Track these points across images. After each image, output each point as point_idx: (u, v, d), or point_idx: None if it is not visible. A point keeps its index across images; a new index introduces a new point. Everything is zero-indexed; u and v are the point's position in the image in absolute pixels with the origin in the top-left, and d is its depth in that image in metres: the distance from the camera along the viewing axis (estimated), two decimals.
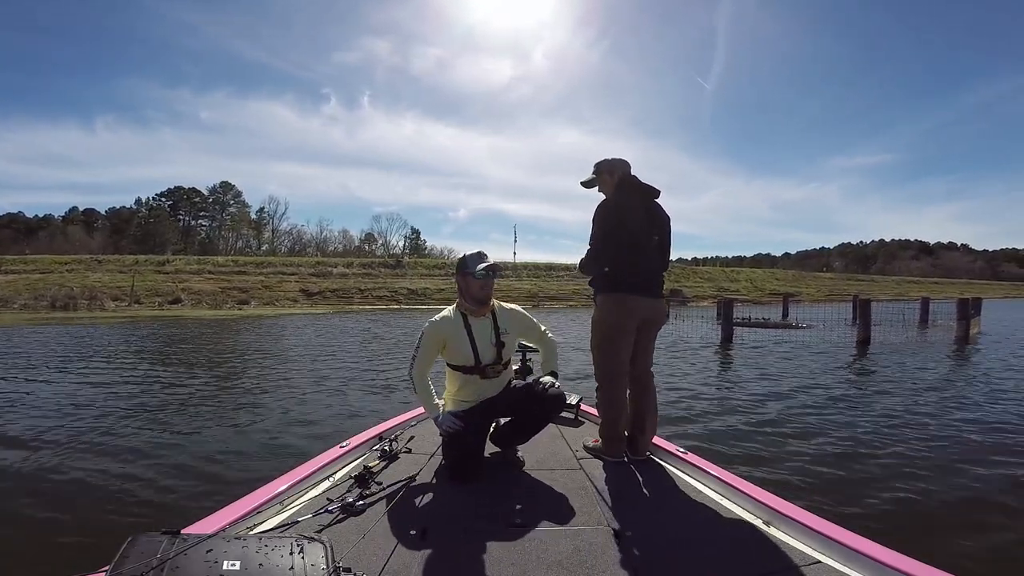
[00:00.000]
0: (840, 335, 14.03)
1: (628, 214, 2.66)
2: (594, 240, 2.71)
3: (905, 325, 16.50)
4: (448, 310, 2.60)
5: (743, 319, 19.28)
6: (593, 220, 2.71)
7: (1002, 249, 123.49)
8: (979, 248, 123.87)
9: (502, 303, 2.67)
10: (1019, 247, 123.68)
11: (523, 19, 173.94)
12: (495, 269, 2.53)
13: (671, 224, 2.87)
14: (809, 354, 11.64)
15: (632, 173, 2.84)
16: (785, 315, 23.25)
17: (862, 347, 12.63)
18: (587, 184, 2.94)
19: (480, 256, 2.55)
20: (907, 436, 5.14)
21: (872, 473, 4.17)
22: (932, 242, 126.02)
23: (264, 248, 73.48)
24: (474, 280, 2.50)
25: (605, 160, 2.87)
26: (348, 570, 1.43)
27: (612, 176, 2.82)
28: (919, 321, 19.85)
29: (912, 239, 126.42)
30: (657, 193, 2.82)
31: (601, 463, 2.61)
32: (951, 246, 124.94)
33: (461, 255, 2.63)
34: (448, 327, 2.52)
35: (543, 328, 2.73)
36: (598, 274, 2.75)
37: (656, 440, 2.80)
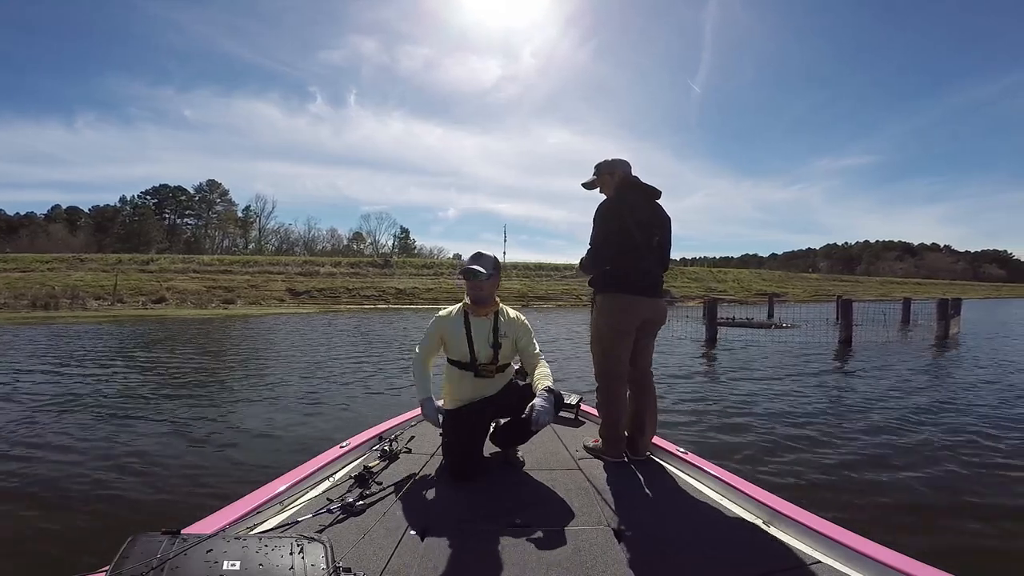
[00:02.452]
0: (823, 335, 14.18)
1: (629, 214, 2.66)
2: (595, 240, 2.70)
3: (887, 325, 16.69)
4: (454, 307, 2.66)
5: (728, 319, 19.40)
6: (594, 220, 2.71)
7: (983, 250, 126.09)
8: (961, 249, 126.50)
9: (509, 309, 2.70)
10: (1000, 248, 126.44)
11: (511, 19, 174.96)
12: (477, 272, 2.53)
13: (671, 224, 2.87)
14: (791, 353, 11.76)
15: (633, 173, 2.84)
16: (770, 315, 23.39)
17: (844, 346, 12.78)
18: (588, 185, 2.95)
19: (473, 258, 2.61)
20: (885, 432, 5.25)
21: (853, 466, 4.25)
22: (915, 243, 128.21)
23: (251, 247, 72.74)
24: (466, 281, 2.59)
25: (605, 161, 2.87)
26: (348, 570, 1.42)
27: (613, 176, 2.83)
28: (901, 321, 20.12)
29: (896, 240, 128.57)
30: (658, 193, 2.82)
31: (601, 463, 2.62)
32: (934, 247, 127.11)
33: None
34: (448, 322, 2.58)
35: (538, 351, 2.64)
36: (599, 273, 2.75)
37: (656, 440, 2.81)
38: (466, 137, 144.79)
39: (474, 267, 2.54)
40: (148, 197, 75.44)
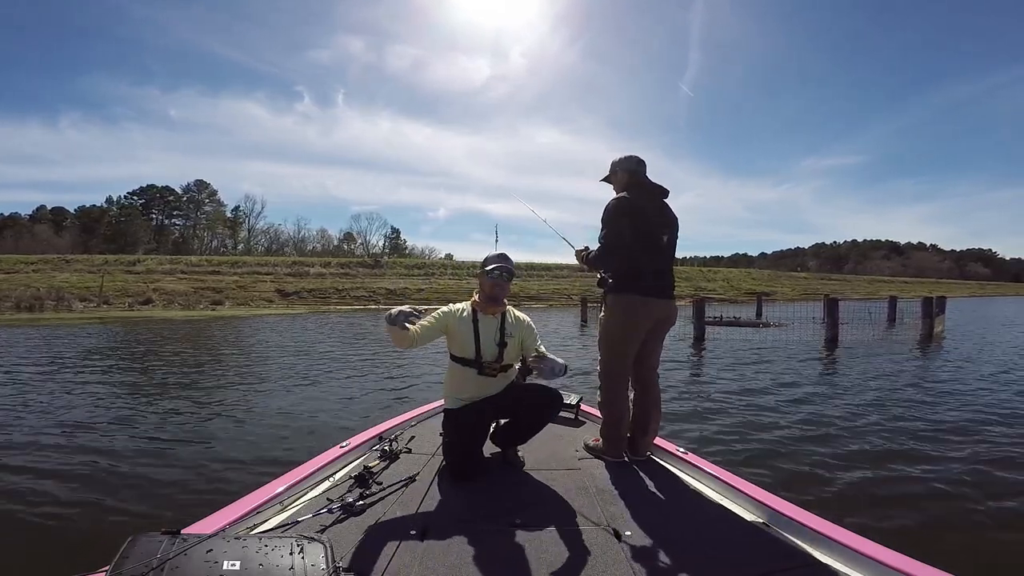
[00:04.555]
0: (810, 333, 14.30)
1: (636, 214, 2.66)
2: (604, 238, 2.70)
3: (873, 324, 16.85)
4: (463, 303, 2.67)
5: (715, 318, 19.47)
6: (602, 219, 2.72)
7: (968, 249, 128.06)
8: (947, 248, 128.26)
9: (515, 310, 2.73)
10: (984, 247, 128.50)
11: (500, 18, 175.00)
12: (505, 271, 2.61)
13: (678, 224, 2.87)
14: (776, 352, 11.87)
15: (644, 173, 2.83)
16: (759, 314, 23.49)
17: (830, 345, 12.89)
18: (606, 180, 2.95)
19: (498, 257, 2.63)
20: (863, 428, 5.36)
21: (833, 462, 4.34)
22: (902, 242, 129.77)
23: (240, 248, 72.11)
24: (487, 279, 2.60)
25: (619, 158, 2.87)
26: (348, 570, 1.43)
27: (620, 175, 2.83)
28: (887, 320, 20.27)
29: (883, 239, 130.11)
30: (666, 193, 2.83)
31: (602, 463, 2.62)
32: (920, 246, 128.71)
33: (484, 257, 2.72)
34: (457, 316, 2.58)
35: (540, 345, 2.72)
36: (607, 273, 2.75)
37: (656, 440, 2.81)
38: (455, 137, 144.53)
39: (506, 264, 2.60)
40: (135, 197, 74.45)
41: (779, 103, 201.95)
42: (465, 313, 2.60)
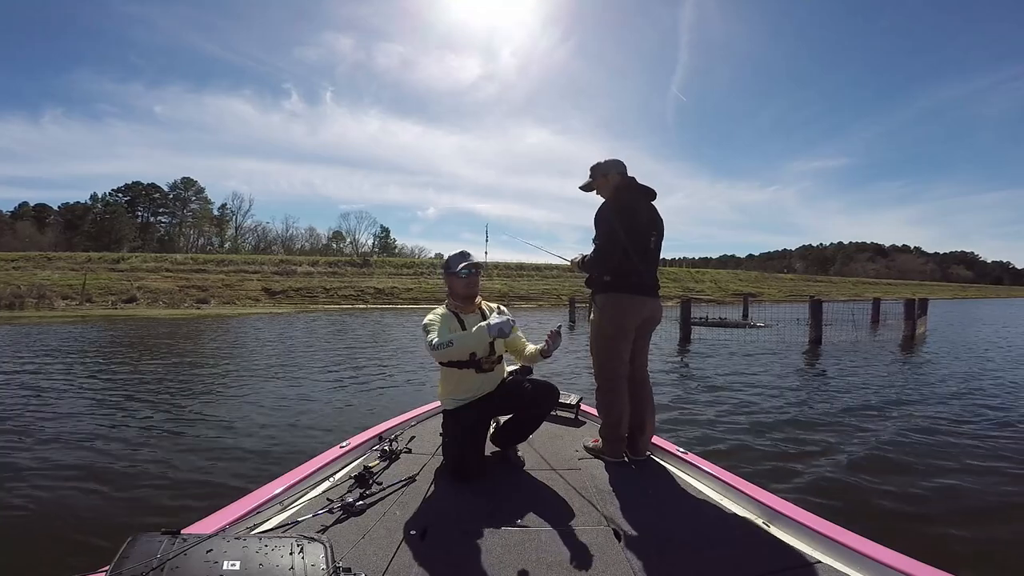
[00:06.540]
0: (794, 334, 14.45)
1: (631, 215, 2.67)
2: (600, 238, 2.70)
3: (856, 325, 17.05)
4: (439, 308, 2.65)
5: (701, 318, 19.59)
6: (596, 222, 2.72)
7: (951, 252, 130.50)
8: (931, 251, 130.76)
9: (487, 302, 2.76)
10: (967, 250, 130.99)
11: (490, 18, 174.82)
12: (476, 266, 2.64)
13: (664, 227, 2.87)
14: (762, 352, 12.00)
15: (629, 174, 2.84)
16: (745, 315, 23.65)
17: (814, 346, 13.04)
18: (585, 188, 2.94)
19: (462, 256, 2.66)
20: (842, 426, 5.46)
21: (812, 454, 4.50)
22: (887, 244, 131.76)
23: (227, 246, 71.32)
24: (458, 279, 2.62)
25: (600, 163, 2.87)
26: (348, 570, 1.43)
27: (609, 178, 2.82)
28: (871, 321, 20.45)
29: (868, 242, 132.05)
30: (654, 195, 2.84)
31: (601, 463, 2.63)
32: (904, 248, 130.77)
33: (445, 256, 2.73)
34: (446, 319, 2.57)
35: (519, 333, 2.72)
36: (602, 275, 2.74)
37: (656, 440, 2.82)
38: (445, 136, 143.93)
39: (471, 260, 2.62)
40: (120, 194, 73.34)
41: (768, 104, 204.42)
42: (450, 317, 2.59)
